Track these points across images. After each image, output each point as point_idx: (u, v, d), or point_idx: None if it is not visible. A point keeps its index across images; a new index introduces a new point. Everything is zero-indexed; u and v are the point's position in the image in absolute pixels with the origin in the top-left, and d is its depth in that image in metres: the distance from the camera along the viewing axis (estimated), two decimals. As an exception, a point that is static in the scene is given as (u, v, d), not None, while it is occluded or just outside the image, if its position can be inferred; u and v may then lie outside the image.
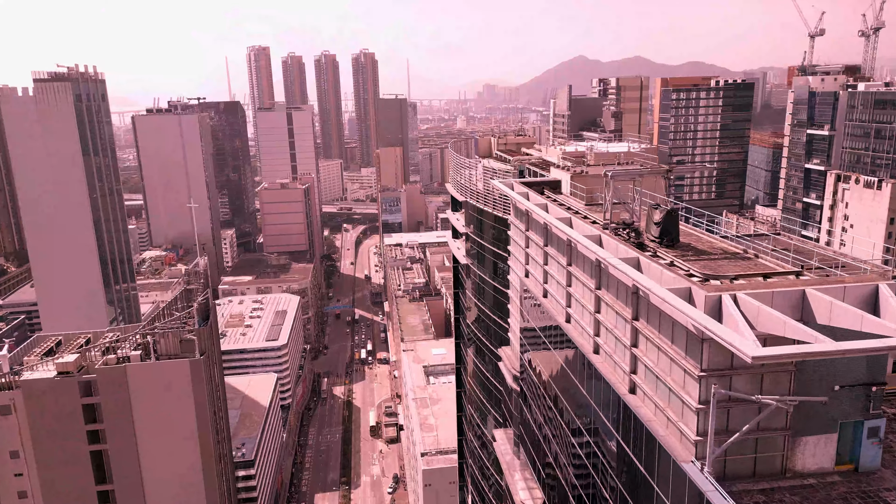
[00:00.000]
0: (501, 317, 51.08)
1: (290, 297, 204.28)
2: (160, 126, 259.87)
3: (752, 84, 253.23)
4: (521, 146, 62.43)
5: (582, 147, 51.00)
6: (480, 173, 52.02)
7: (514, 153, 59.54)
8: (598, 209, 32.88)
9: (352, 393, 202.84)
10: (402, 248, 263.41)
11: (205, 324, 77.42)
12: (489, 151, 66.54)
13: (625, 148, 50.07)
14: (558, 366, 33.36)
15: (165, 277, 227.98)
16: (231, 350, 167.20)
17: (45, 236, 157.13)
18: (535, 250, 37.78)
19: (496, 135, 67.73)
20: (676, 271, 22.74)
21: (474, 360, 62.68)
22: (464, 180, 57.60)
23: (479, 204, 54.18)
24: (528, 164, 50.36)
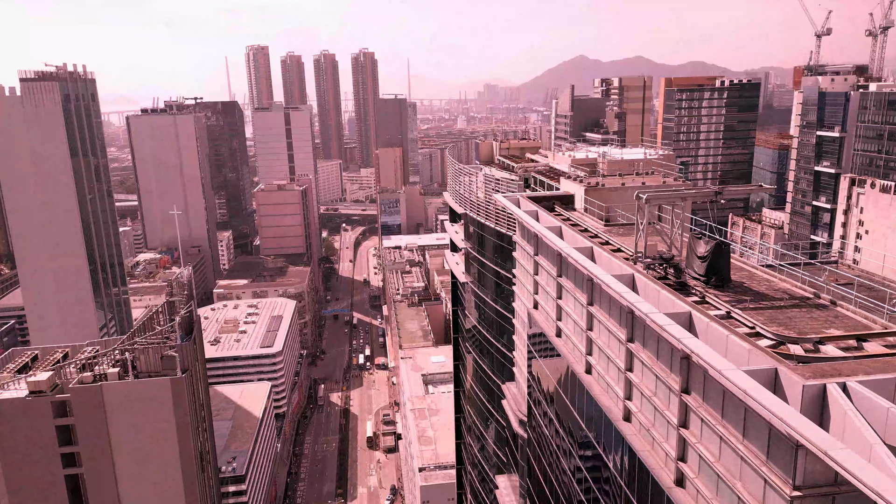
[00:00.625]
0: (506, 345, 46.26)
1: (286, 302, 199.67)
2: (155, 126, 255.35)
3: (757, 84, 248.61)
4: (525, 151, 57.85)
5: (593, 153, 46.48)
6: (481, 182, 47.32)
7: (518, 159, 54.98)
8: (620, 231, 28.28)
9: (349, 400, 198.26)
10: (400, 250, 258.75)
11: (188, 338, 72.81)
12: (490, 157, 61.98)
13: (640, 154, 45.57)
14: (575, 422, 28.27)
15: (159, 281, 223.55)
16: (225, 357, 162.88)
17: (32, 240, 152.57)
18: (546, 279, 33.00)
19: (498, 138, 63.15)
20: (738, 330, 17.72)
21: (473, 387, 57.78)
22: (463, 190, 52.85)
23: (479, 217, 49.39)
24: (534, 171, 45.85)
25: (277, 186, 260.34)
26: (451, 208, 59.04)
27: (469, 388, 59.38)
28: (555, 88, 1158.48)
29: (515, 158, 55.70)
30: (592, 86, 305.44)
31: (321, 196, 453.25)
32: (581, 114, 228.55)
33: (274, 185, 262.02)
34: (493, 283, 48.27)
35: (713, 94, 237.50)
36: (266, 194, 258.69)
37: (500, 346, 46.97)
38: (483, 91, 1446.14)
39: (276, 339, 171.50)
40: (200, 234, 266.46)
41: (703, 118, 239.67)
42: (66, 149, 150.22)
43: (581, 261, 24.97)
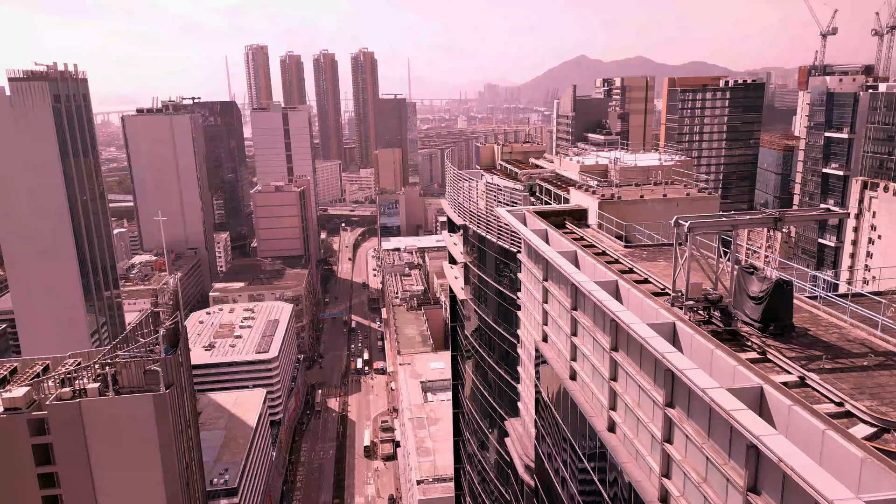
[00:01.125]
0: (509, 373, 42.35)
1: (282, 306, 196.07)
2: (150, 127, 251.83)
3: (762, 84, 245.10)
4: (528, 155, 54.27)
5: (604, 159, 42.92)
6: (482, 191, 43.59)
7: (522, 164, 51.40)
8: (644, 255, 24.65)
9: (347, 406, 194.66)
10: (399, 253, 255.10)
11: (173, 351, 69.19)
12: (492, 161, 58.40)
13: (655, 160, 41.99)
14: (593, 489, 23.80)
15: (154, 284, 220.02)
16: (219, 363, 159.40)
17: (21, 243, 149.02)
18: (558, 310, 28.88)
19: (500, 141, 59.59)
20: (822, 407, 13.73)
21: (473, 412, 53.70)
22: (462, 198, 49.06)
23: (480, 230, 45.56)
24: (540, 179, 42.28)
25: (275, 188, 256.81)
26: (450, 218, 55.17)
27: (468, 413, 55.71)
28: (556, 88, 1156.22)
29: (519, 163, 52.20)
30: (595, 86, 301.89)
31: (320, 197, 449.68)
32: (583, 114, 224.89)
33: (271, 187, 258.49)
34: (495, 304, 44.25)
35: (717, 94, 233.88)
36: (263, 196, 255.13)
37: (503, 373, 42.98)
38: (483, 91, 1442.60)
39: (271, 344, 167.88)
40: (197, 236, 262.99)
41: (707, 119, 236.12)
42: (56, 150, 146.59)
43: (604, 300, 20.89)
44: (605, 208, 29.88)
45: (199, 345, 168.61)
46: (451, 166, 54.60)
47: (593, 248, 26.98)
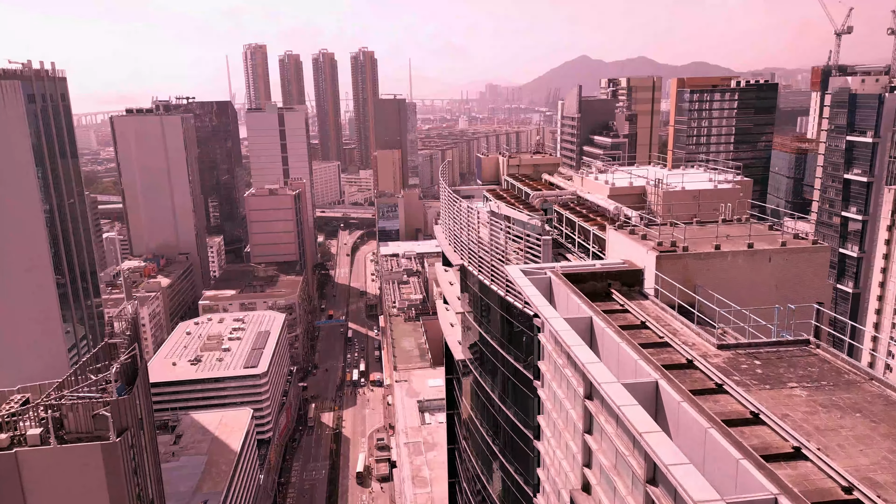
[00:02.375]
0: (524, 474, 32.41)
1: (274, 316, 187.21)
2: (140, 127, 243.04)
3: (775, 85, 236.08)
4: (539, 170, 45.47)
5: (639, 178, 34.19)
6: (485, 220, 34.23)
7: (533, 182, 42.56)
8: (758, 370, 15.18)
9: (341, 421, 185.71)
10: (398, 258, 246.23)
11: (128, 390, 60.28)
12: (496, 175, 49.65)
13: (705, 181, 33.27)
14: None
15: (143, 291, 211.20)
16: (205, 379, 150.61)
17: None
18: (614, 459, 18.76)
19: (505, 152, 50.77)
20: None
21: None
22: (459, 227, 39.00)
23: (482, 276, 35.72)
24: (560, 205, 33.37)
25: (269, 191, 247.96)
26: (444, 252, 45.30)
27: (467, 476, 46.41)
28: (557, 89, 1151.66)
29: (529, 180, 43.57)
30: (599, 86, 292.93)
31: (319, 198, 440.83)
32: (589, 116, 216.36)
33: (265, 190, 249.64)
34: (501, 378, 34.54)
35: (727, 95, 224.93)
36: (257, 199, 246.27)
37: (513, 473, 33.38)
38: (485, 91, 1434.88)
39: (261, 357, 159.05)
40: (188, 241, 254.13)
41: (717, 120, 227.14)
42: (29, 152, 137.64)
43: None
44: (667, 265, 21.09)
45: (185, 358, 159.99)
46: (445, 185, 44.86)
47: (668, 348, 17.56)
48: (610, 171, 40.90)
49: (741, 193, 31.74)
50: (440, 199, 45.88)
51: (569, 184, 40.38)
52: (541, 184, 42.29)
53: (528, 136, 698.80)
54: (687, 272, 20.89)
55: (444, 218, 43.01)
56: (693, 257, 21.15)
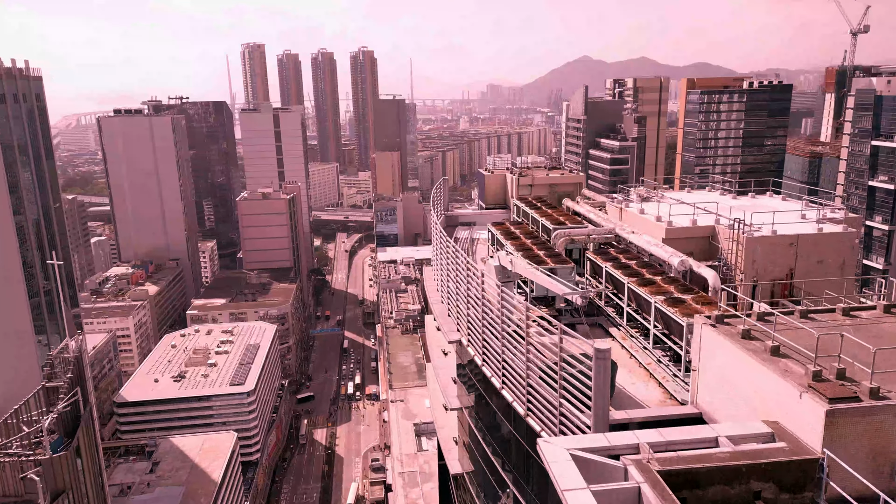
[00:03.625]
0: None
1: (264, 327, 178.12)
2: (128, 129, 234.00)
3: (789, 86, 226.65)
4: (558, 191, 36.28)
5: (703, 210, 25.13)
6: (490, 281, 24.06)
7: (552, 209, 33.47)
8: None
9: (335, 438, 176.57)
10: (396, 265, 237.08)
11: (68, 443, 51.11)
12: (503, 197, 40.68)
13: (795, 214, 24.30)
14: None
15: (129, 300, 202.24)
16: (188, 397, 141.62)
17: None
18: None
19: (514, 170, 41.68)
20: None
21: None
22: (457, 290, 28.02)
23: (486, 366, 25.12)
24: (596, 252, 24.05)
25: (262, 195, 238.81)
26: (434, 313, 34.63)
27: None
28: (559, 89, 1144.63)
29: (545, 206, 34.64)
30: (605, 87, 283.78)
31: (316, 201, 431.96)
32: (595, 118, 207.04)
33: (258, 194, 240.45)
34: None
35: (739, 96, 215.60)
36: (249, 204, 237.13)
37: None
38: (486, 91, 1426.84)
39: (249, 374, 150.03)
40: (179, 245, 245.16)
41: (727, 122, 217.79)
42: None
43: None
44: (847, 429, 11.99)
45: (168, 374, 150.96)
46: (437, 223, 34.50)
47: None
48: (655, 198, 31.85)
49: (856, 240, 22.89)
50: (431, 235, 36.39)
51: (601, 216, 31.38)
52: (562, 213, 33.31)
53: (529, 137, 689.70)
54: (882, 443, 11.96)
55: (436, 262, 33.15)
56: (889, 413, 12.12)
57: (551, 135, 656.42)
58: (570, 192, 40.89)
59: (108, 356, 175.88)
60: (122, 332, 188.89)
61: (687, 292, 24.18)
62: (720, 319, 18.10)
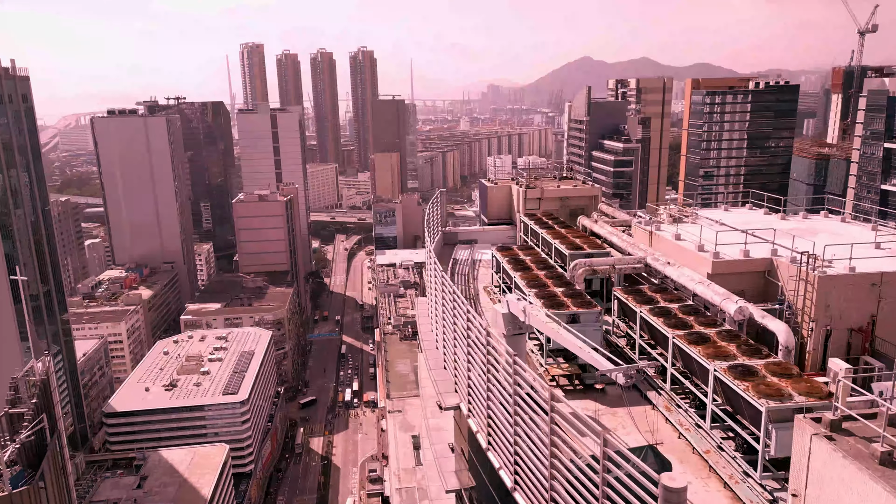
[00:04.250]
0: None
1: (259, 334, 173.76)
2: (122, 129, 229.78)
3: (796, 87, 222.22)
4: (570, 205, 31.87)
5: (755, 234, 20.61)
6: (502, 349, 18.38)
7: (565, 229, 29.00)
8: None
9: (332, 447, 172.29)
10: (395, 269, 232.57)
11: (31, 476, 46.76)
12: (508, 212, 36.34)
13: (867, 241, 19.97)
14: None
15: (122, 304, 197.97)
16: (179, 408, 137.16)
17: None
18: None
19: (521, 181, 37.21)
20: None
21: None
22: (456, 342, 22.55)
23: (498, 462, 19.33)
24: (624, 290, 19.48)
25: (258, 197, 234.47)
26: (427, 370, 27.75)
27: None
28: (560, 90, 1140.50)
29: (556, 224, 30.27)
30: (607, 87, 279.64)
31: (315, 202, 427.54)
32: (597, 119, 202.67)
33: (255, 196, 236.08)
34: None
35: (745, 97, 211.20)
36: (245, 206, 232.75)
37: None
38: (487, 91, 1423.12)
39: (242, 382, 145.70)
40: (174, 248, 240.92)
41: (731, 124, 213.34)
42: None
43: None
44: None
45: (159, 382, 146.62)
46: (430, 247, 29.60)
47: None
48: (689, 218, 27.35)
49: None
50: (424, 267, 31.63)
51: (625, 240, 26.79)
52: (578, 234, 28.75)
53: (530, 138, 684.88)
54: None
55: (431, 297, 27.98)
56: None
57: (552, 135, 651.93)
58: (584, 206, 36.51)
59: (100, 363, 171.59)
60: (115, 338, 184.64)
61: (754, 354, 19.17)
62: (837, 427, 12.77)
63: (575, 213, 35.36)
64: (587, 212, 35.55)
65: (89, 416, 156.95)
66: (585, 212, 35.68)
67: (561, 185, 38.19)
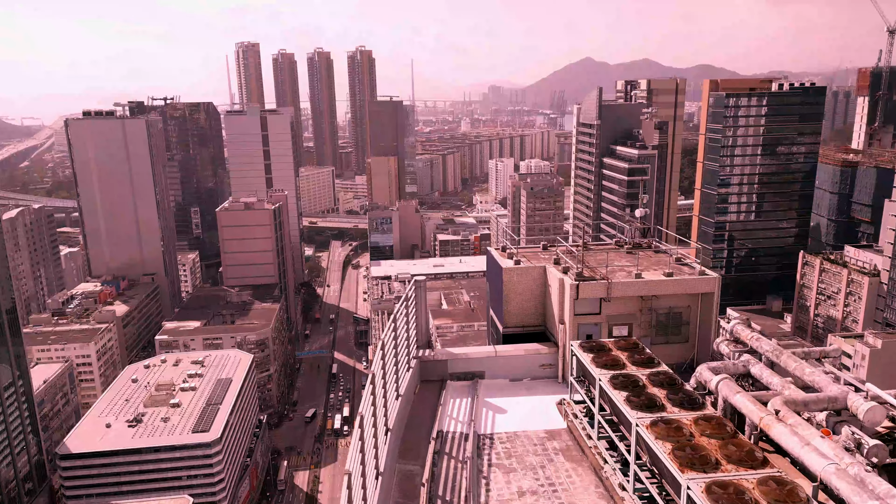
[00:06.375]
0: None
1: (239, 358, 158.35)
2: (98, 132, 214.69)
3: (823, 88, 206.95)
4: (660, 307, 16.42)
5: None
6: None
7: (694, 426, 13.92)
8: None
9: (318, 483, 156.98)
10: (390, 282, 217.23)
11: None
12: (538, 315, 20.11)
13: None
14: None
15: (94, 322, 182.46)
16: (142, 449, 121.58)
17: None
18: None
19: (567, 258, 21.61)
20: None
21: None
22: None
23: None
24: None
25: (244, 205, 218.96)
26: None
27: None
28: (562, 91, 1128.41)
29: (651, 371, 15.53)
30: (615, 88, 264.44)
31: (311, 206, 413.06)
32: (609, 122, 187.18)
33: (240, 204, 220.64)
34: None
35: (768, 99, 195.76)
36: (230, 215, 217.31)
37: None
38: (488, 93, 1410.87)
39: (216, 417, 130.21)
40: (155, 259, 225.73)
41: (754, 129, 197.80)
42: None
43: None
44: None
45: (123, 417, 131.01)
46: None
47: None
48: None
49: None
50: None
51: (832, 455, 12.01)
52: (715, 426, 13.83)
53: (532, 140, 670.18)
54: None
55: None
56: None
57: (555, 137, 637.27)
58: (682, 309, 21.32)
59: (63, 389, 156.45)
60: (83, 360, 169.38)
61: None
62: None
63: (667, 325, 20.36)
64: (688, 317, 20.46)
65: (50, 449, 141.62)
66: (684, 318, 20.58)
67: (640, 264, 22.82)
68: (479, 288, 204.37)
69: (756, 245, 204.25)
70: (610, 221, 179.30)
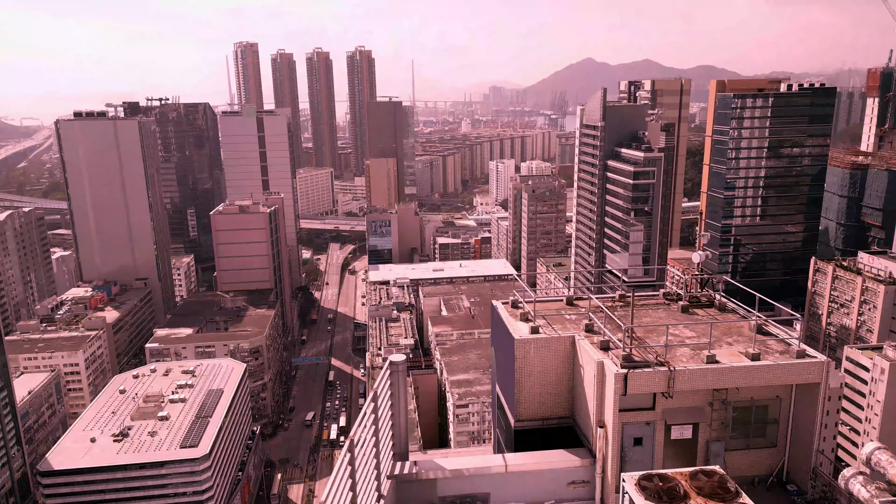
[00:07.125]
0: None
1: (232, 367, 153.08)
2: (89, 133, 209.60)
3: (833, 90, 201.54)
4: (740, 400, 10.83)
5: None
6: None
7: None
8: None
9: (312, 497, 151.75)
10: (388, 287, 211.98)
11: None
12: (567, 408, 13.58)
13: None
14: None
15: (83, 329, 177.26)
16: (127, 465, 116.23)
17: None
18: None
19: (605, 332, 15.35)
20: None
21: None
22: None
23: None
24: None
25: (239, 208, 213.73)
26: None
27: None
28: (563, 91, 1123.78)
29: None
30: (618, 89, 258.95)
31: (310, 208, 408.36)
32: (613, 124, 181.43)
33: (235, 207, 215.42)
34: None
35: (776, 100, 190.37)
36: (224, 218, 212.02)
37: None
38: (488, 93, 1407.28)
39: (206, 431, 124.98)
40: (147, 263, 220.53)
41: (765, 130, 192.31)
42: None
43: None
44: None
45: (109, 430, 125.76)
46: None
47: None
48: None
49: None
50: None
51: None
52: None
53: (533, 141, 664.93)
54: None
55: None
56: None
57: (556, 138, 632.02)
58: (773, 402, 15.70)
59: (50, 400, 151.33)
60: (72, 369, 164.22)
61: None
62: None
63: (749, 423, 14.64)
64: (777, 413, 14.41)
65: (34, 463, 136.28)
66: (771, 414, 14.69)
67: (707, 334, 16.54)
68: (480, 293, 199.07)
69: (763, 249, 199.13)
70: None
